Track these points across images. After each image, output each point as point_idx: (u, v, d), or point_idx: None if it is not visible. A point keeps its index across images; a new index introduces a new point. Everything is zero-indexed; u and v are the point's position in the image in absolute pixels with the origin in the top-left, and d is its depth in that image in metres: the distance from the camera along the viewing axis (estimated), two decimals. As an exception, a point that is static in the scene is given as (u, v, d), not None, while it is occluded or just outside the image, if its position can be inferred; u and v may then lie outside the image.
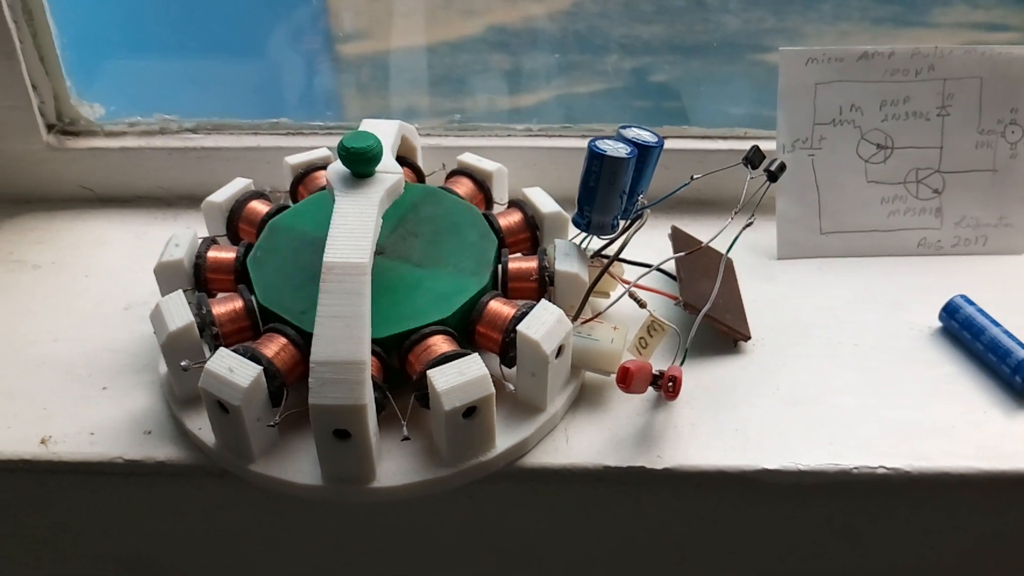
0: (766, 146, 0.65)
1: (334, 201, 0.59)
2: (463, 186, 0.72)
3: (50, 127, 0.84)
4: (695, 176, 0.66)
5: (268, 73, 0.87)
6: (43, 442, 0.61)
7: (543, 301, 0.60)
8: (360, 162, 0.60)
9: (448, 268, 0.64)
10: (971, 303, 0.69)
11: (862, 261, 0.78)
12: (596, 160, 0.61)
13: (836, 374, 0.67)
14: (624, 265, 0.69)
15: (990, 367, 0.67)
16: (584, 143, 0.75)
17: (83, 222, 0.83)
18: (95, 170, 0.84)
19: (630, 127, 0.65)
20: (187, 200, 0.85)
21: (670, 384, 0.60)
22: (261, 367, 0.56)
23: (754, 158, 0.64)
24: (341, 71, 0.88)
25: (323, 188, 0.72)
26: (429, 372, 0.56)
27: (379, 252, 0.63)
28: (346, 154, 0.59)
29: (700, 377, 0.66)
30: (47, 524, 0.67)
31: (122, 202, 0.86)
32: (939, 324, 0.71)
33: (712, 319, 0.66)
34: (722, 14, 0.83)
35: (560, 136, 0.84)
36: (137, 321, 0.71)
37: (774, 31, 0.84)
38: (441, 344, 0.59)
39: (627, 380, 0.58)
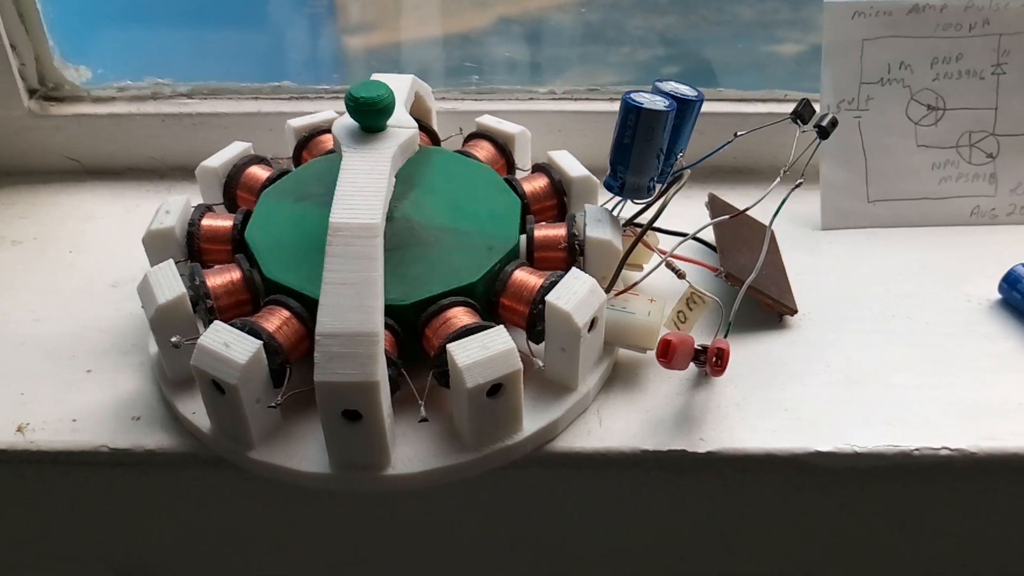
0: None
1: (341, 158, 0.54)
2: (483, 150, 0.67)
3: (32, 92, 0.79)
4: (739, 133, 0.60)
5: (268, 35, 0.83)
6: (20, 430, 0.57)
7: (574, 270, 0.55)
8: (370, 114, 0.55)
9: (468, 232, 0.58)
10: (1034, 272, 0.64)
11: (912, 231, 0.73)
12: (632, 114, 0.56)
13: (891, 350, 0.62)
14: (658, 235, 0.64)
15: (1058, 341, 0.62)
16: (612, 107, 0.71)
17: (69, 196, 0.79)
18: (81, 139, 0.80)
19: (667, 80, 0.60)
20: (181, 171, 0.81)
21: (716, 358, 0.55)
22: (261, 342, 0.51)
23: (804, 112, 0.58)
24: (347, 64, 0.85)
25: (329, 152, 0.66)
26: (449, 346, 0.51)
27: (389, 217, 0.58)
28: (354, 104, 0.55)
29: (744, 353, 0.61)
30: (26, 520, 0.62)
31: (111, 174, 0.81)
32: (999, 296, 0.66)
33: (756, 291, 0.61)
34: (736, 4, 0.80)
35: (587, 99, 0.79)
36: (126, 299, 0.66)
37: (787, 23, 0.81)
38: (462, 316, 0.54)
39: (668, 354, 0.53)
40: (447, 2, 0.81)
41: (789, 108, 0.59)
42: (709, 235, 0.66)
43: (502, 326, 0.52)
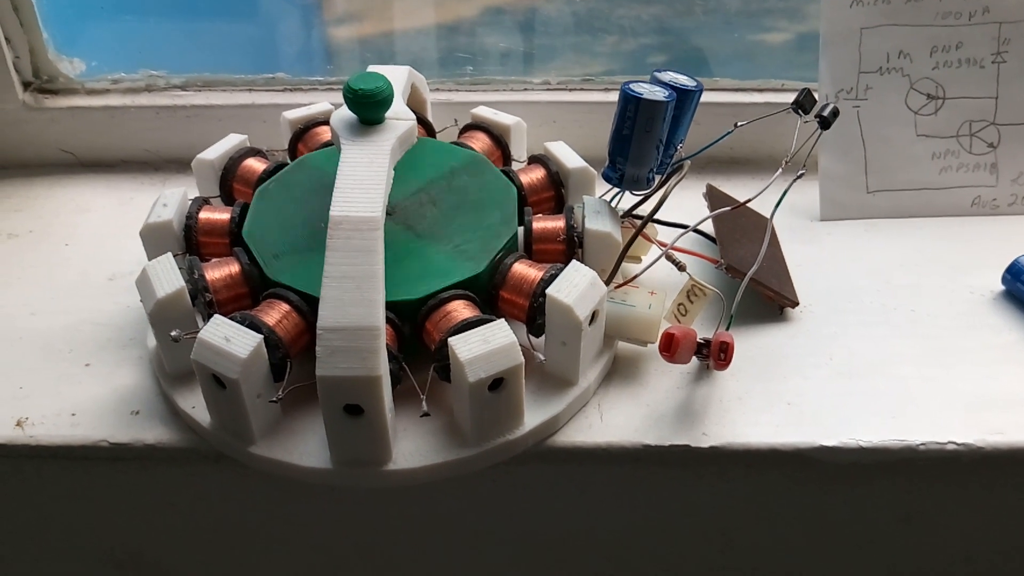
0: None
1: (340, 152, 0.54)
2: (478, 141, 0.66)
3: (26, 85, 0.79)
4: (740, 123, 0.60)
5: (260, 26, 0.82)
6: (19, 424, 0.56)
7: (574, 262, 0.54)
8: (369, 106, 0.54)
9: (466, 225, 0.58)
10: (1038, 263, 0.64)
11: (912, 222, 0.72)
12: (631, 104, 0.55)
13: (894, 342, 0.62)
14: (657, 227, 0.63)
15: (1062, 333, 0.62)
16: (607, 97, 0.70)
17: (64, 188, 0.78)
18: (76, 131, 0.79)
19: (665, 71, 0.59)
20: (176, 164, 0.80)
21: (721, 352, 0.54)
22: (261, 336, 0.50)
23: (805, 102, 0.58)
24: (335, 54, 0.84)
25: (325, 145, 0.66)
26: (451, 340, 0.50)
27: (389, 213, 0.57)
28: (353, 97, 0.54)
29: (745, 347, 0.61)
30: (26, 515, 0.62)
31: (106, 166, 0.81)
32: (1001, 287, 0.66)
33: (757, 283, 0.60)
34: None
35: (581, 90, 0.78)
36: (123, 292, 0.65)
37: (776, 11, 0.80)
38: (462, 310, 0.53)
39: (672, 348, 0.53)
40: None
41: (786, 97, 0.59)
42: (707, 227, 0.65)
43: (503, 319, 0.51)
